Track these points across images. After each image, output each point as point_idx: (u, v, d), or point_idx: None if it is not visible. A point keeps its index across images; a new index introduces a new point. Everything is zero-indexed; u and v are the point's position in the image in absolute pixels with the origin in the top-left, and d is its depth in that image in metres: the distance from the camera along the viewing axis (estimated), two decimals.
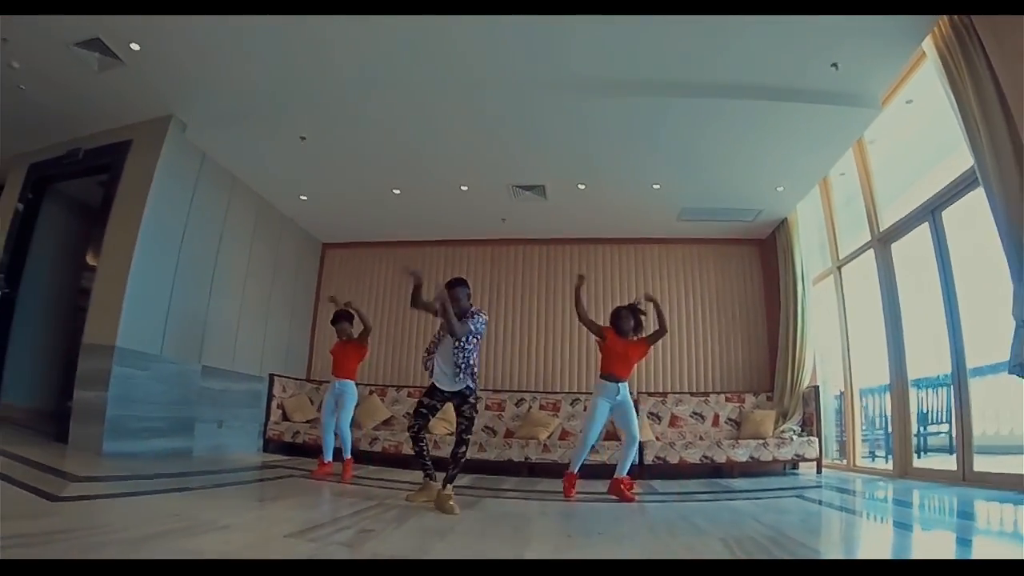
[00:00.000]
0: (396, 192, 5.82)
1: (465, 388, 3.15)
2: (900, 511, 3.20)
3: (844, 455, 5.62)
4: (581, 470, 3.81)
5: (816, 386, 5.57)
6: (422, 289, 3.26)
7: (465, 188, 5.70)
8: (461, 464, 3.13)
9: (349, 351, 4.43)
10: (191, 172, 4.94)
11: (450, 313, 3.06)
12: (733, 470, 5.15)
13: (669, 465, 5.13)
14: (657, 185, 5.48)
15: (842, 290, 5.71)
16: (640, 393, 5.99)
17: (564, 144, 4.80)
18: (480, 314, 3.24)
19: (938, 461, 4.51)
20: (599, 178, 5.40)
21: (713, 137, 4.59)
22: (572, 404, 5.98)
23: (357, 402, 4.52)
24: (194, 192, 4.98)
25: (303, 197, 6.05)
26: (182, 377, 4.84)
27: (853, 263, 5.51)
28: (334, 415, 4.33)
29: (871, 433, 5.76)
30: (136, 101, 4.49)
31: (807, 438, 5.23)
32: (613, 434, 5.50)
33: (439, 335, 3.24)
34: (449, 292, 3.16)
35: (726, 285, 6.59)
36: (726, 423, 5.84)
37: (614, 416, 3.88)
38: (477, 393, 3.26)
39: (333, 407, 4.35)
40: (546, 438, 5.55)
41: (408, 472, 4.62)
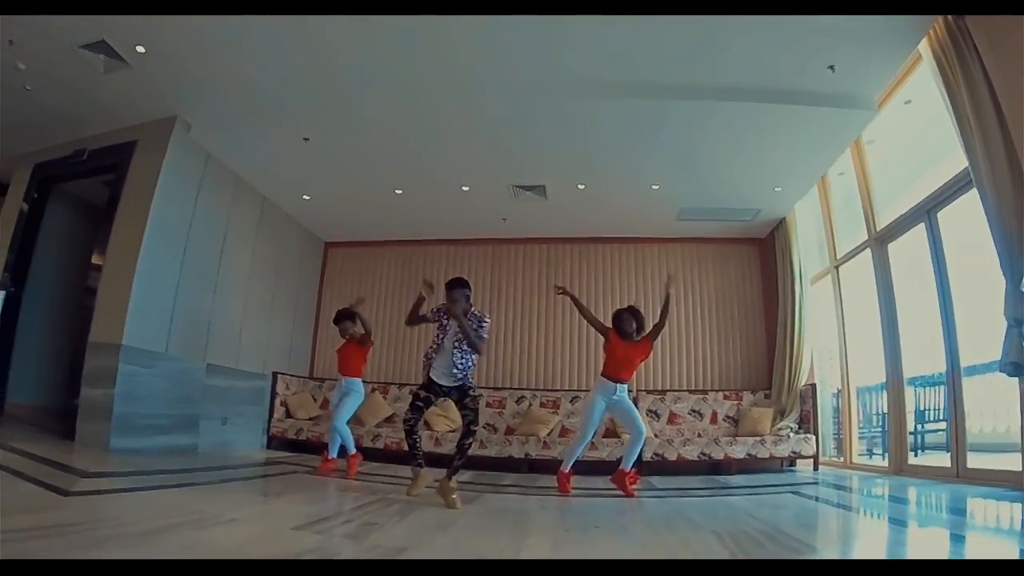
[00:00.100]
0: (398, 192, 5.88)
1: (463, 384, 3.19)
2: (891, 506, 3.27)
3: (841, 452, 5.67)
4: (578, 466, 3.87)
5: (813, 384, 5.62)
6: (423, 305, 3.36)
7: (466, 188, 5.75)
8: (467, 455, 3.14)
9: (352, 350, 4.49)
10: (196, 172, 5.00)
11: (467, 329, 3.12)
12: (731, 467, 5.21)
13: (667, 462, 5.19)
14: (656, 185, 5.53)
15: (840, 289, 5.76)
16: (639, 391, 6.05)
17: (564, 145, 4.85)
18: (484, 319, 3.25)
19: (935, 458, 4.57)
20: (599, 178, 5.45)
21: (711, 139, 4.64)
22: (572, 402, 6.04)
23: (362, 401, 4.56)
24: (199, 192, 5.04)
25: (306, 197, 6.11)
26: (187, 375, 4.91)
27: (851, 263, 5.56)
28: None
29: (868, 431, 5.82)
30: (141, 102, 4.54)
31: (804, 435, 5.29)
32: (612, 431, 5.57)
33: (439, 339, 3.25)
34: (448, 293, 3.20)
35: (725, 284, 6.64)
36: (724, 420, 5.89)
37: (615, 415, 3.93)
38: (475, 388, 3.28)
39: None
40: (546, 435, 5.61)
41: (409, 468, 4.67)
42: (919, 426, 5.03)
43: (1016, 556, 1.90)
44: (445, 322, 3.26)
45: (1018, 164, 2.95)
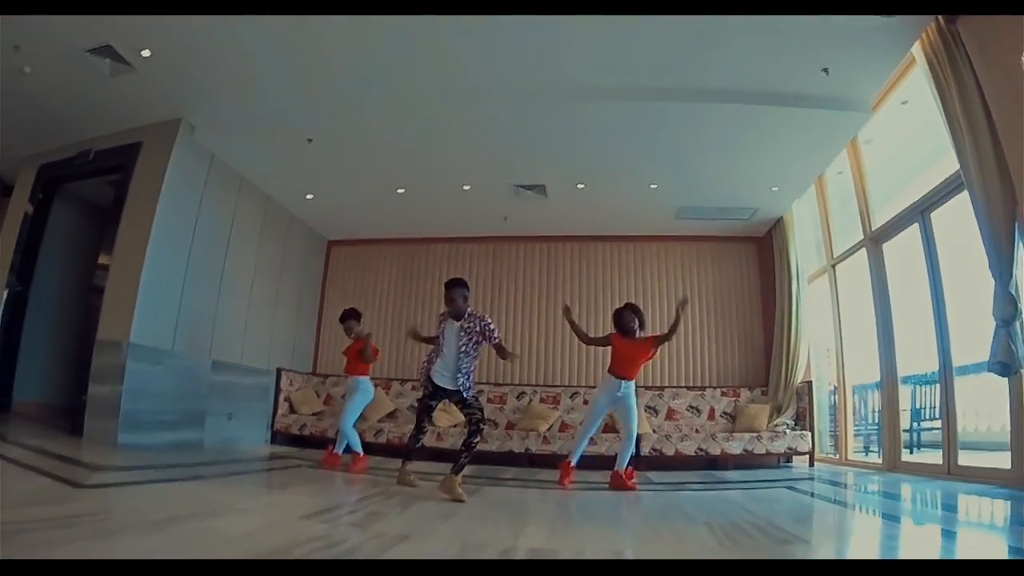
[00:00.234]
0: (400, 191, 5.95)
1: (461, 387, 3.19)
2: (882, 501, 3.35)
3: (837, 449, 5.75)
4: (578, 460, 3.97)
5: (809, 381, 5.70)
6: (422, 333, 3.73)
7: (467, 187, 5.83)
8: (473, 453, 3.16)
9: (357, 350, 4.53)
10: (200, 173, 5.07)
11: (504, 348, 3.35)
12: (728, 462, 5.29)
13: (665, 457, 5.28)
14: (655, 185, 5.60)
15: (836, 288, 5.83)
16: (638, 387, 6.11)
17: (564, 146, 4.92)
18: (486, 320, 3.27)
19: (928, 456, 4.65)
20: (598, 178, 5.52)
21: (708, 140, 4.71)
22: (571, 397, 6.12)
23: (371, 400, 4.54)
24: (203, 192, 5.11)
25: (309, 196, 6.19)
26: (193, 372, 4.99)
27: (847, 262, 5.63)
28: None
29: (864, 428, 5.90)
30: (146, 105, 4.60)
31: (800, 432, 5.37)
32: (611, 427, 5.64)
33: (439, 343, 3.29)
34: (446, 292, 3.28)
35: (723, 282, 6.71)
36: (721, 416, 5.97)
37: (617, 411, 4.05)
38: (473, 391, 3.27)
39: None
40: (546, 430, 5.70)
41: (412, 462, 4.74)
42: (915, 424, 5.11)
43: (1004, 553, 1.96)
44: (446, 327, 3.31)
45: (1006, 167, 3.02)
